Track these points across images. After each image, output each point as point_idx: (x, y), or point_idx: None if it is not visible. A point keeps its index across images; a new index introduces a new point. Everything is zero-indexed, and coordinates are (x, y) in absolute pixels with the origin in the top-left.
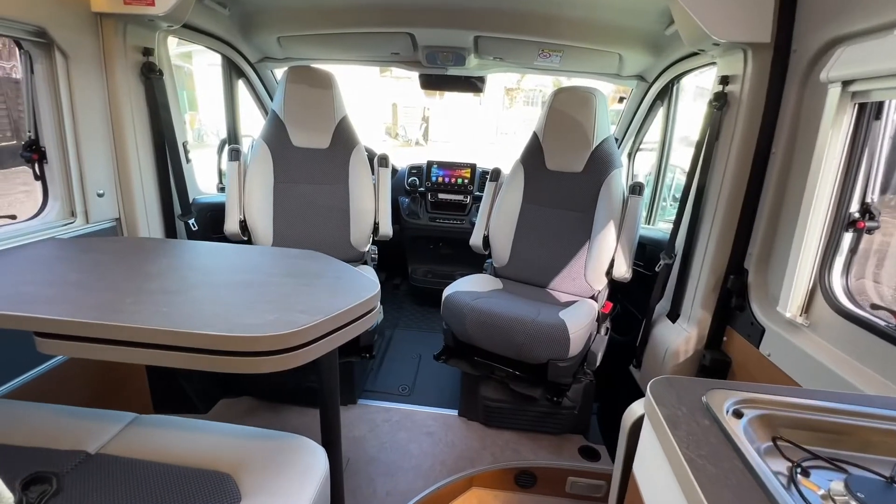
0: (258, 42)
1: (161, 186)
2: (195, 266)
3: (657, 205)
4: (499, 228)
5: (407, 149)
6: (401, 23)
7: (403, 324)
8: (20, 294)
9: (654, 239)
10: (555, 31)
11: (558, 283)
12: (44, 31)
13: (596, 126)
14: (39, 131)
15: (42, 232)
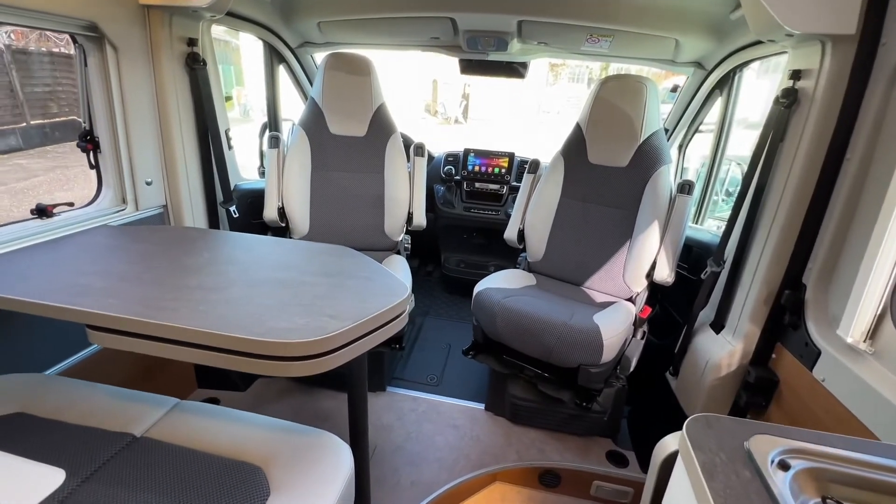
0: (298, 27)
1: (204, 174)
2: (234, 260)
3: (708, 199)
4: (535, 223)
5: (446, 126)
6: (442, 7)
7: (434, 312)
8: (75, 285)
9: (702, 241)
10: (606, 14)
11: (595, 282)
12: (95, 25)
13: (645, 118)
14: (94, 122)
15: (96, 219)
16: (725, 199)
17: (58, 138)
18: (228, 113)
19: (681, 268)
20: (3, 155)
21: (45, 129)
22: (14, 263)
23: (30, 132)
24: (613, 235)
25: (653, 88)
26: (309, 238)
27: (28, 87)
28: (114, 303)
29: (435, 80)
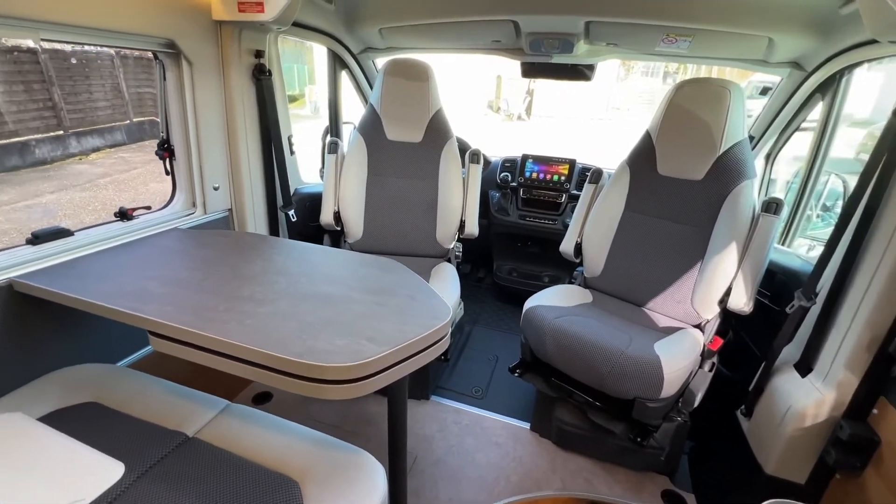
0: (361, 34)
1: (266, 179)
2: (285, 270)
3: (800, 215)
4: (594, 236)
5: (508, 123)
6: (504, 10)
7: (483, 321)
8: (142, 290)
9: (788, 267)
10: (687, 12)
11: (658, 304)
12: (173, 42)
13: (727, 127)
14: (170, 132)
15: (169, 222)
16: (821, 215)
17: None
18: (300, 110)
19: (761, 295)
20: (109, 149)
21: (145, 125)
22: (98, 264)
23: (132, 128)
24: (683, 255)
25: (737, 94)
26: (361, 242)
27: (132, 88)
28: (171, 310)
29: (499, 76)
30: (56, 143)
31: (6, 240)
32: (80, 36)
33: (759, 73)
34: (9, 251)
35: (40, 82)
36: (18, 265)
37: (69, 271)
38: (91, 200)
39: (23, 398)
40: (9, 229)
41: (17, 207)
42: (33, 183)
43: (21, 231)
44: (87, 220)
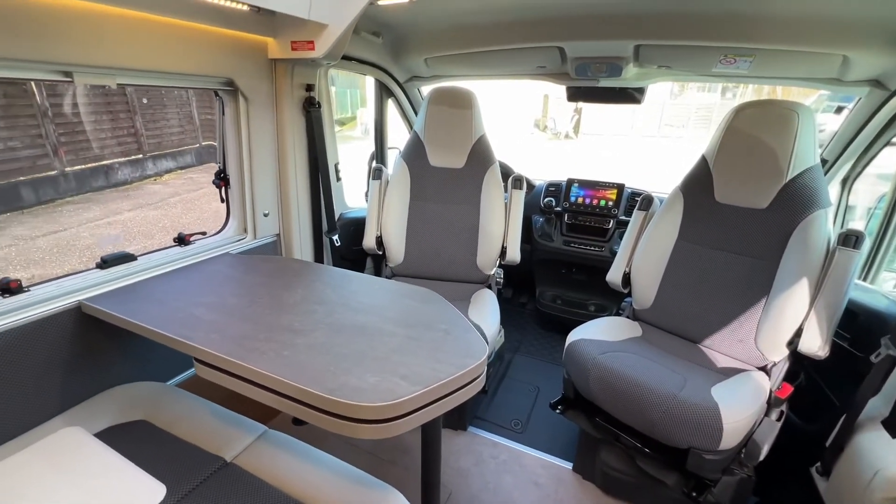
0: (407, 64)
1: (313, 205)
2: (324, 299)
3: (886, 247)
4: (644, 266)
5: (555, 142)
6: (550, 37)
7: (525, 349)
8: (191, 317)
9: (873, 308)
10: (747, 32)
11: (716, 342)
12: (232, 81)
13: (795, 152)
14: (226, 162)
15: (222, 247)
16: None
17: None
18: (351, 132)
19: (840, 337)
20: (180, 170)
21: (213, 148)
22: (156, 288)
23: (200, 151)
24: (744, 289)
25: (807, 117)
26: (403, 266)
27: (203, 115)
28: (216, 338)
29: (546, 95)
30: (135, 165)
31: (88, 254)
32: (151, 79)
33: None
34: (81, 274)
35: (125, 112)
36: (88, 288)
37: (131, 295)
38: (161, 218)
39: (83, 413)
40: (91, 244)
41: (99, 224)
42: (115, 202)
43: (100, 245)
44: (155, 234)
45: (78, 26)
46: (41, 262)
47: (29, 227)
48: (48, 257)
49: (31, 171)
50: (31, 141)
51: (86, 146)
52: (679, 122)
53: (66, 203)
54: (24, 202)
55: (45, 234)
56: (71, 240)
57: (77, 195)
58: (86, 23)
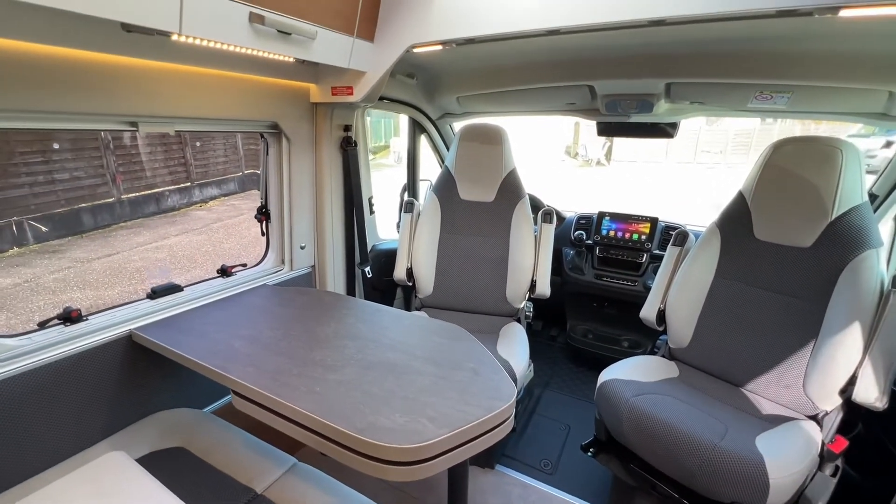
0: (440, 102)
1: (347, 238)
2: (355, 334)
3: None
4: (680, 304)
5: (585, 169)
6: (580, 76)
7: (555, 384)
8: (230, 349)
9: None
10: (782, 70)
11: (760, 386)
12: (276, 124)
13: (840, 191)
14: (268, 198)
15: (261, 278)
16: None
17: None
18: (384, 160)
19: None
20: (224, 197)
21: (254, 176)
22: (200, 318)
23: (243, 179)
24: (789, 331)
25: (852, 154)
26: (432, 297)
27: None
28: (252, 372)
29: (577, 122)
30: (183, 193)
31: (137, 276)
32: (204, 125)
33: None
34: (132, 304)
35: (178, 143)
36: (139, 317)
37: (177, 325)
38: (204, 242)
39: (126, 438)
40: (140, 267)
41: (148, 248)
42: (163, 227)
43: (150, 269)
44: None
45: (142, 82)
46: (95, 284)
47: (86, 250)
48: (101, 279)
49: (91, 199)
50: (94, 171)
51: (140, 175)
52: (716, 149)
53: (120, 228)
54: (84, 227)
55: (100, 258)
56: (122, 263)
57: (130, 220)
58: (149, 79)
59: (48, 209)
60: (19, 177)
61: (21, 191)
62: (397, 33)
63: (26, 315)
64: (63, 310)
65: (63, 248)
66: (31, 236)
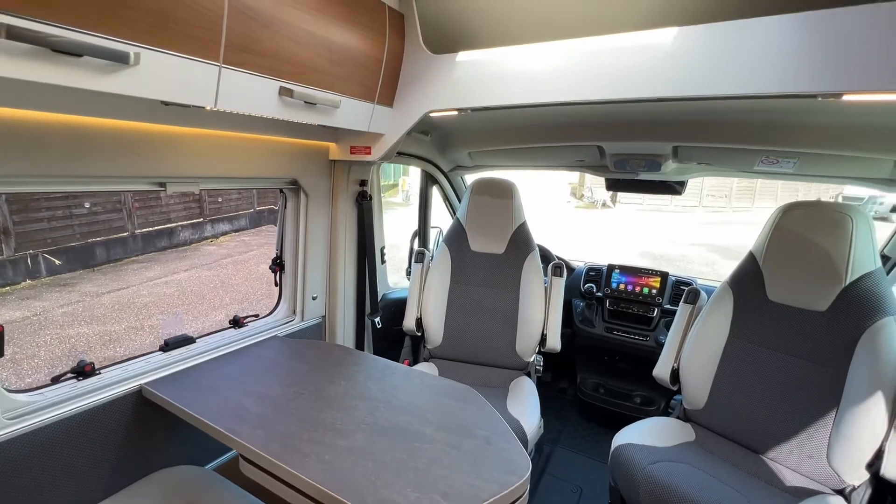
0: (452, 156)
1: (358, 288)
2: (365, 394)
3: None
4: (694, 362)
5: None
6: (589, 137)
7: (565, 441)
8: (240, 407)
9: None
10: (788, 138)
11: (782, 455)
12: (296, 180)
13: (852, 257)
14: (283, 250)
15: (272, 329)
16: None
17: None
18: (392, 198)
19: None
20: (234, 233)
21: (264, 213)
22: (211, 372)
23: (254, 216)
24: (809, 398)
25: (862, 221)
26: (441, 348)
27: None
28: (261, 435)
29: None
30: (195, 228)
31: (144, 312)
32: (229, 184)
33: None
34: (145, 357)
35: None
36: (150, 371)
37: (188, 380)
38: (213, 278)
39: (132, 497)
40: (148, 303)
41: (157, 283)
42: (173, 262)
43: (158, 305)
44: (206, 294)
45: (171, 146)
46: (102, 319)
47: (96, 283)
48: (109, 314)
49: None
50: (112, 206)
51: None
52: (721, 193)
53: (131, 262)
54: (97, 260)
55: (110, 291)
56: (131, 297)
57: (142, 255)
58: (178, 143)
59: (64, 242)
60: (39, 211)
61: (39, 225)
62: (415, 100)
63: (31, 350)
64: (77, 363)
65: (74, 281)
66: (44, 269)
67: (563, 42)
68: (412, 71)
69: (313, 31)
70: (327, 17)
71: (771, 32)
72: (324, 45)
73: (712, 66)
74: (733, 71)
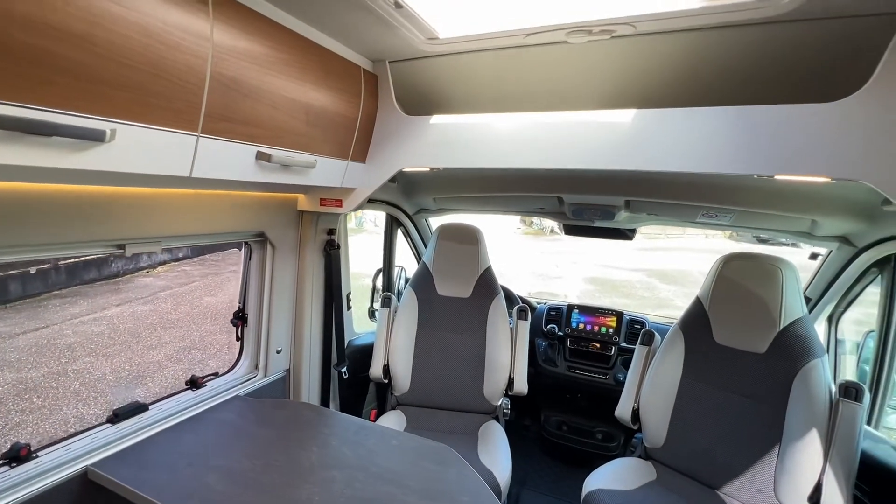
0: (417, 200)
1: (325, 338)
2: (340, 462)
3: (881, 401)
4: (652, 403)
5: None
6: (549, 189)
7: (532, 483)
8: (202, 486)
9: (886, 463)
10: (724, 197)
11: (735, 489)
12: (263, 233)
13: (784, 304)
14: (246, 303)
15: (233, 388)
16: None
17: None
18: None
19: (860, 489)
20: (174, 262)
21: None
22: (168, 444)
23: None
24: (756, 435)
25: (790, 273)
26: (408, 395)
27: None
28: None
29: None
30: (129, 258)
31: (69, 354)
32: (193, 241)
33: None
34: (91, 433)
35: None
36: (98, 449)
37: (142, 455)
38: (150, 314)
39: None
40: (73, 344)
41: (84, 321)
42: (104, 296)
43: (85, 345)
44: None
45: (132, 208)
46: (16, 364)
47: (9, 322)
48: (25, 358)
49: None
50: None
51: None
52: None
53: (53, 297)
54: (10, 295)
55: (26, 332)
56: (52, 337)
57: (65, 289)
58: (139, 205)
59: None
60: None
61: None
62: (389, 158)
63: None
64: (10, 447)
65: None
66: None
67: (530, 114)
68: (386, 129)
69: (292, 96)
70: (306, 83)
71: (716, 120)
72: (301, 109)
73: (663, 146)
74: (682, 151)
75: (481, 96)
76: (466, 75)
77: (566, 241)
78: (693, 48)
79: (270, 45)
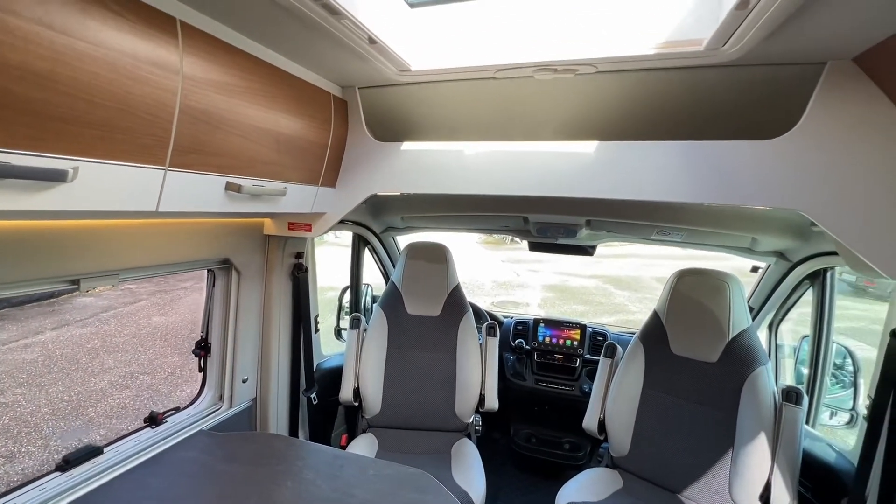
0: (384, 219)
1: (293, 364)
2: (318, 496)
3: (817, 401)
4: (617, 413)
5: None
6: (515, 209)
7: (504, 497)
8: None
9: (824, 461)
10: (675, 217)
11: (695, 492)
12: (227, 259)
13: (732, 316)
14: (210, 332)
15: (197, 423)
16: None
17: None
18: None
19: (803, 486)
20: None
21: None
22: (127, 493)
23: None
24: (710, 439)
25: (736, 287)
26: (379, 417)
27: None
28: None
29: None
30: None
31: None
32: (154, 272)
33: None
34: (39, 483)
35: None
36: (47, 502)
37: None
38: (91, 337)
39: None
40: (0, 373)
41: (13, 347)
42: (36, 319)
43: (12, 375)
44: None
45: (87, 241)
46: None
47: None
48: None
49: None
50: None
51: None
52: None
53: None
54: None
55: None
56: None
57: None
58: (95, 237)
59: None
60: None
61: None
62: (360, 183)
63: None
64: None
65: None
66: None
67: (498, 143)
68: (356, 154)
69: (262, 125)
70: (276, 111)
71: (668, 154)
72: (271, 137)
73: (620, 176)
74: (637, 181)
75: (451, 124)
76: (437, 103)
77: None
78: (648, 87)
79: (240, 74)
